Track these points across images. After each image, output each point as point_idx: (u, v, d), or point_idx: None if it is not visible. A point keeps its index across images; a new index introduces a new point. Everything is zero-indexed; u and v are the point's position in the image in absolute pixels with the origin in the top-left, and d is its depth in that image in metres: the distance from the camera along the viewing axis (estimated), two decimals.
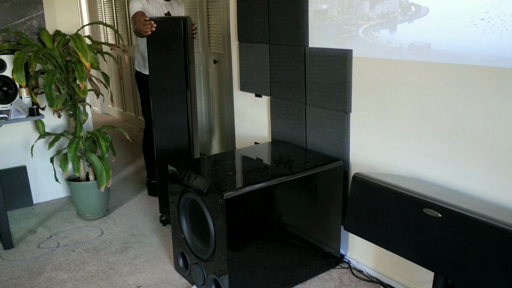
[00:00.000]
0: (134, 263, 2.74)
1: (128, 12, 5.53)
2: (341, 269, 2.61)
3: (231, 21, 3.17)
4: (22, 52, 2.93)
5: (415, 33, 2.04)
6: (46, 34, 3.35)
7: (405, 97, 2.16)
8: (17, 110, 3.01)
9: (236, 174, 2.40)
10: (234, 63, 3.24)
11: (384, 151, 2.32)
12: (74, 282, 2.57)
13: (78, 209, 3.37)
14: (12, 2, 3.30)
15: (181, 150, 3.02)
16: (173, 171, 2.43)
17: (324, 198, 2.46)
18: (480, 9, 1.79)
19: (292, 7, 2.59)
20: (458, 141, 1.98)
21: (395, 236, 1.91)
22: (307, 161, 2.52)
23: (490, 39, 1.77)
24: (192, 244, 2.39)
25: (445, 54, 1.94)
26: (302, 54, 2.60)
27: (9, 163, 3.47)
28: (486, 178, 1.90)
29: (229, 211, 2.07)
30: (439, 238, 1.73)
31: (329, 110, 2.54)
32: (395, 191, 1.88)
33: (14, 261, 2.80)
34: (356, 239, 2.60)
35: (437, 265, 1.76)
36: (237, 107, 3.31)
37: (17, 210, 3.53)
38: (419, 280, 2.27)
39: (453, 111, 1.97)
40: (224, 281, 2.17)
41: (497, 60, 1.76)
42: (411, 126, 2.16)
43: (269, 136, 3.06)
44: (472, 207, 1.69)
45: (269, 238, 2.27)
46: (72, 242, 3.03)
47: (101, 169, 3.17)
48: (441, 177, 2.07)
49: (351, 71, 2.38)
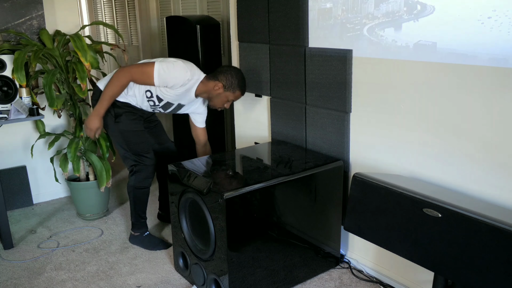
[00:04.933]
0: (134, 263, 2.74)
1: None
2: (341, 269, 2.61)
3: (231, 21, 3.17)
4: (22, 52, 2.93)
5: (416, 33, 2.04)
6: (46, 34, 3.35)
7: (405, 97, 2.16)
8: (17, 110, 3.01)
9: (236, 174, 2.40)
10: (234, 63, 3.24)
11: (384, 151, 2.32)
12: (74, 282, 2.57)
13: (78, 209, 3.37)
14: (12, 2, 3.30)
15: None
16: (173, 171, 2.43)
17: (324, 198, 2.46)
18: (486, 7, 1.78)
19: (292, 7, 2.59)
20: (459, 141, 1.98)
21: (395, 236, 1.91)
22: (307, 161, 2.52)
23: (497, 38, 1.76)
24: (192, 244, 2.39)
25: (446, 54, 1.94)
26: (302, 54, 2.60)
27: (9, 163, 3.46)
28: (486, 178, 1.90)
29: (229, 211, 2.07)
30: (439, 238, 1.73)
31: (329, 110, 2.53)
32: (395, 191, 1.88)
33: (14, 261, 2.80)
34: (356, 239, 2.60)
35: (437, 265, 1.76)
36: (237, 107, 3.31)
37: (17, 210, 3.53)
38: (419, 280, 2.27)
39: (453, 111, 1.97)
40: (224, 281, 2.17)
41: (505, 60, 1.74)
42: (411, 126, 2.16)
43: (269, 136, 3.06)
44: (472, 207, 1.69)
45: (269, 238, 2.27)
46: (72, 242, 3.03)
47: (101, 169, 3.17)
48: (441, 177, 2.07)
49: (351, 71, 2.38)
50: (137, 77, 2.58)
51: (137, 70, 2.58)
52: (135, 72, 2.58)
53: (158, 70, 2.54)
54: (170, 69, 2.55)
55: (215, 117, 3.85)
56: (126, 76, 2.58)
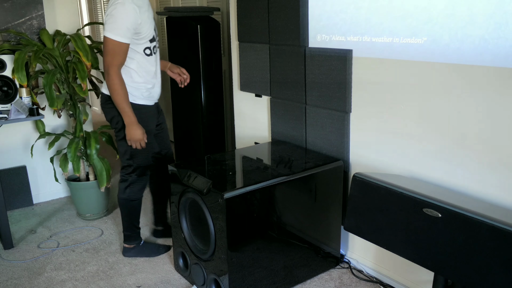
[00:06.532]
0: (134, 263, 2.74)
1: None
2: (341, 269, 2.61)
3: (231, 21, 3.17)
4: (23, 52, 2.93)
5: (416, 33, 2.04)
6: (46, 34, 3.36)
7: (405, 97, 2.16)
8: (17, 110, 3.01)
9: (236, 174, 2.40)
10: (234, 63, 3.24)
11: (384, 151, 2.32)
12: (74, 282, 2.57)
13: (78, 209, 3.37)
14: (12, 2, 3.30)
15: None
16: (173, 171, 2.43)
17: (324, 198, 2.46)
18: (485, 7, 1.78)
19: (292, 7, 2.59)
20: (458, 141, 1.98)
21: (395, 236, 1.91)
22: (307, 161, 2.52)
23: (498, 38, 1.77)
24: (192, 244, 2.39)
25: (446, 54, 1.94)
26: (302, 54, 2.60)
27: (9, 163, 3.47)
28: (486, 178, 1.90)
29: (229, 211, 2.07)
30: (439, 238, 1.73)
31: (329, 110, 2.54)
32: (395, 191, 1.88)
33: (14, 261, 2.80)
34: (356, 239, 2.60)
35: (437, 265, 1.76)
36: (237, 107, 3.31)
37: (17, 210, 3.53)
38: (419, 280, 2.27)
39: (453, 111, 1.97)
40: (224, 281, 2.17)
41: (506, 60, 1.74)
42: (411, 126, 2.16)
43: (269, 136, 3.06)
44: (472, 207, 1.69)
45: (269, 238, 2.27)
46: (72, 242, 3.03)
47: (101, 169, 3.17)
48: (441, 177, 2.08)
49: (351, 71, 2.38)
50: (115, 60, 2.34)
51: (108, 58, 2.34)
52: (109, 61, 2.34)
53: (112, 33, 2.29)
54: (117, 20, 2.28)
55: (215, 117, 3.86)
56: (111, 73, 2.35)
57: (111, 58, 2.34)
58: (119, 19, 2.29)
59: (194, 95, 3.78)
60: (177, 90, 3.94)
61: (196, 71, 3.68)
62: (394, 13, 2.11)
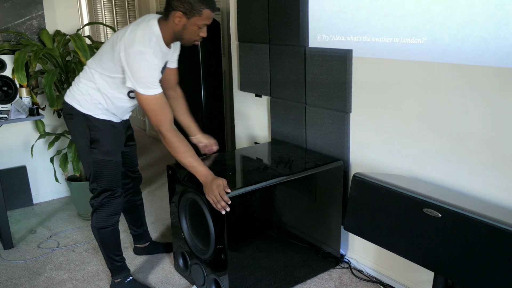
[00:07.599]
0: (134, 263, 2.74)
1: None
2: (341, 269, 2.61)
3: (231, 21, 3.17)
4: (23, 52, 2.93)
5: (416, 33, 2.04)
6: (46, 34, 3.36)
7: (405, 97, 2.16)
8: (17, 110, 3.01)
9: (236, 174, 2.40)
10: (234, 63, 3.24)
11: (384, 151, 2.32)
12: (74, 282, 2.57)
13: (78, 209, 3.37)
14: (12, 2, 3.30)
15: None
16: (173, 171, 2.43)
17: (324, 198, 2.46)
18: (485, 7, 1.78)
19: (292, 7, 2.59)
20: (459, 141, 1.98)
21: (395, 236, 1.91)
22: (307, 161, 2.52)
23: (494, 39, 1.77)
24: (192, 244, 2.39)
25: (446, 54, 1.94)
26: (302, 54, 2.60)
27: (9, 163, 3.47)
28: (486, 178, 1.90)
29: (229, 211, 2.07)
30: (439, 238, 1.73)
31: (329, 110, 2.54)
32: (395, 191, 1.88)
33: (14, 261, 2.80)
34: (356, 239, 2.60)
35: (437, 265, 1.76)
36: (237, 107, 3.31)
37: (17, 210, 3.53)
38: (419, 280, 2.27)
39: (453, 111, 1.97)
40: (224, 281, 2.17)
41: (506, 60, 1.74)
42: (411, 126, 2.16)
43: (269, 136, 3.06)
44: (472, 207, 1.69)
45: (269, 238, 2.27)
46: (72, 242, 3.03)
47: None
48: (441, 177, 2.08)
49: (351, 71, 2.38)
50: (160, 116, 2.07)
51: (153, 119, 2.07)
52: (156, 121, 2.07)
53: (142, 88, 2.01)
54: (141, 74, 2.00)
55: (215, 117, 3.85)
56: (165, 133, 2.09)
57: (155, 117, 2.06)
58: (141, 72, 2.00)
59: (194, 95, 3.78)
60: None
61: (196, 71, 3.68)
62: (394, 13, 2.11)
